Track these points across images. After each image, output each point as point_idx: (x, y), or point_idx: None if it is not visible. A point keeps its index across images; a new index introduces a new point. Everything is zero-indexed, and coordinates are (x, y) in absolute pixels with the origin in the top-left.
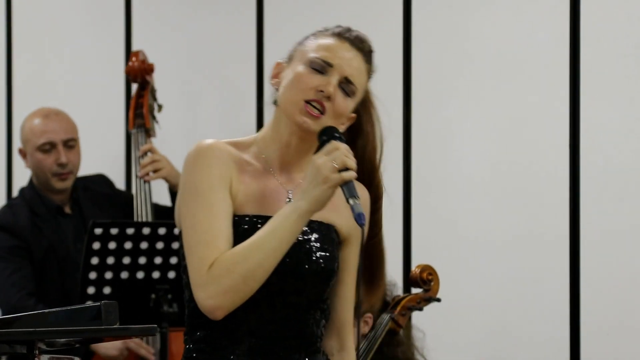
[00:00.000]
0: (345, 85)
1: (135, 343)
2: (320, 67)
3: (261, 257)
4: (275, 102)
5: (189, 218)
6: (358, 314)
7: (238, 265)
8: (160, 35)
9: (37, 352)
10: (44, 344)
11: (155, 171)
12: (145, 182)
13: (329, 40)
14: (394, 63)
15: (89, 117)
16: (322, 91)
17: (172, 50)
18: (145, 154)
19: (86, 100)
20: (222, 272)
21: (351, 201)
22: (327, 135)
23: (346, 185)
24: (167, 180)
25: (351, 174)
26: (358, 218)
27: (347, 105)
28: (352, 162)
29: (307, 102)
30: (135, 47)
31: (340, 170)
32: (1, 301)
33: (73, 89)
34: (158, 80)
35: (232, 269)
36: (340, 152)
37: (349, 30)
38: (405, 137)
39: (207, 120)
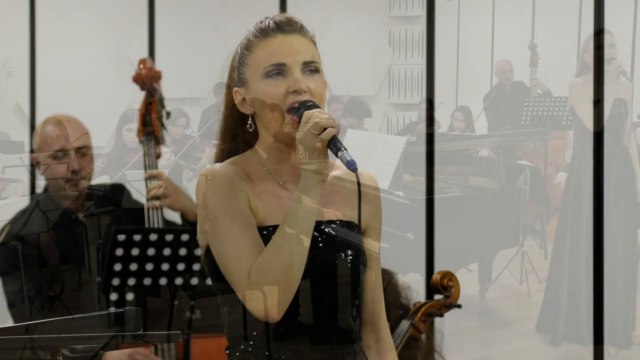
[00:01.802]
0: (307, 67)
1: (142, 354)
2: (278, 72)
3: (291, 244)
4: (255, 126)
5: (217, 240)
6: None
7: (273, 262)
8: (185, 42)
9: (60, 357)
10: (68, 350)
11: (158, 198)
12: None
13: (266, 43)
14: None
15: (112, 125)
16: (294, 91)
17: (198, 58)
18: (152, 177)
19: (107, 108)
20: (261, 274)
21: (339, 154)
22: (298, 113)
23: (331, 143)
24: (170, 208)
25: (329, 131)
26: (349, 165)
27: (320, 82)
28: (326, 120)
29: (290, 110)
30: (159, 55)
31: (319, 134)
32: (14, 314)
33: (93, 97)
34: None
35: (269, 267)
36: (313, 118)
37: (273, 21)
38: (428, 143)
39: None
